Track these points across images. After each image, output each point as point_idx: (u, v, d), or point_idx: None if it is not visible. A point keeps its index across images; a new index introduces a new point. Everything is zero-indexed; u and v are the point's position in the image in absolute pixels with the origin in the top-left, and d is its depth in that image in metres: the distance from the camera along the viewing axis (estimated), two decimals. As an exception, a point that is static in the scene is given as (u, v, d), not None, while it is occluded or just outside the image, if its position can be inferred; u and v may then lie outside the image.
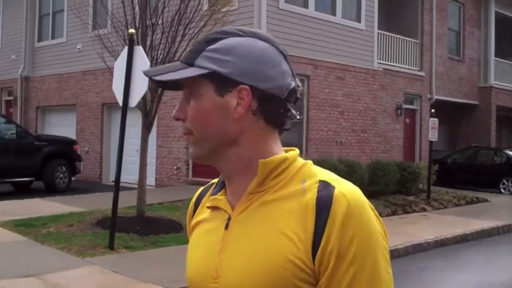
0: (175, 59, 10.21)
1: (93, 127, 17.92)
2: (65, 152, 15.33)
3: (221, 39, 1.26)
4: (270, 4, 14.14)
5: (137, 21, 10.15)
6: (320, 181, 1.21)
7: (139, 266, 7.46)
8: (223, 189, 1.32)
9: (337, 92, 15.97)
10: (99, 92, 17.35)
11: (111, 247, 8.13)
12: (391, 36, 18.46)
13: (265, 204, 1.22)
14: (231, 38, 1.26)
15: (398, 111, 18.24)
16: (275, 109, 1.25)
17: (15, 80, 20.96)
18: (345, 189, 1.18)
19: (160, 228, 9.43)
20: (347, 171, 13.25)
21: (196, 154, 1.31)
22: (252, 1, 14.00)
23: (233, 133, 1.25)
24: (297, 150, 1.31)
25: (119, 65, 8.70)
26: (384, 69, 17.61)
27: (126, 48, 8.65)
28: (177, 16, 10.24)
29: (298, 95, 1.29)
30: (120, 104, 8.48)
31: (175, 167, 15.08)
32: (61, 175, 15.00)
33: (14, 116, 20.43)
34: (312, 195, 1.19)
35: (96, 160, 17.65)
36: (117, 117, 16.30)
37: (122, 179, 8.87)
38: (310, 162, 1.29)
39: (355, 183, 1.27)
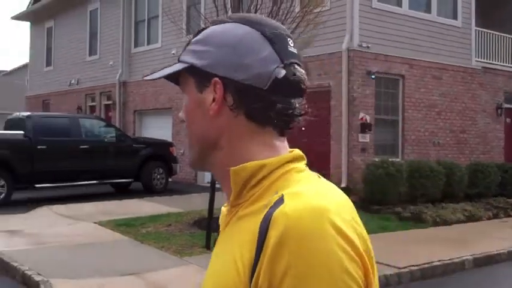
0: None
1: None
2: (161, 154, 15.74)
3: (206, 28, 1.15)
4: (362, 3, 13.92)
5: (230, 24, 10.25)
6: (282, 194, 0.98)
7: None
8: None
9: (434, 92, 15.50)
10: (193, 95, 17.69)
11: (207, 247, 8.25)
12: (490, 33, 17.72)
13: (238, 219, 1.06)
14: (212, 27, 1.14)
15: (499, 111, 17.47)
16: (255, 103, 1.06)
17: (114, 85, 21.72)
18: (293, 207, 0.93)
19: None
20: (445, 173, 12.87)
21: (189, 160, 1.19)
22: (344, 1, 13.83)
23: (213, 134, 1.11)
24: (292, 153, 1.10)
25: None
26: (483, 67, 16.92)
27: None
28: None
29: (303, 86, 1.09)
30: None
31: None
32: (158, 176, 15.42)
33: (113, 119, 21.18)
34: (264, 214, 0.98)
35: (191, 162, 17.99)
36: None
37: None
38: (299, 168, 1.07)
39: (453, 185, 1.08)
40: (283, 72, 1.06)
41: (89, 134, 14.91)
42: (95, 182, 14.62)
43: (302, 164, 1.09)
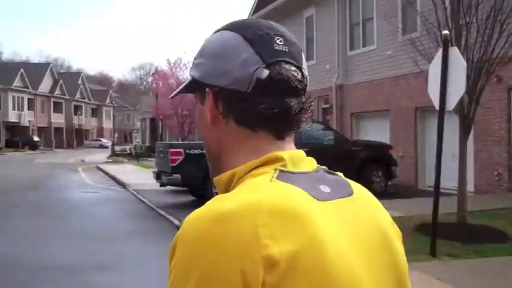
0: (493, 58, 9.72)
1: (407, 132, 17.95)
2: (380, 156, 15.67)
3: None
4: None
5: (450, 21, 9.88)
6: None
7: (463, 275, 7.20)
8: None
9: None
10: (412, 96, 17.31)
11: (432, 254, 8.00)
12: None
13: None
14: (207, 37, 1.14)
15: None
16: (240, 106, 1.05)
17: (330, 89, 22.11)
18: (196, 213, 0.94)
19: (482, 237, 9.00)
20: None
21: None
22: None
23: (213, 144, 1.12)
24: (262, 158, 1.04)
25: (434, 68, 8.58)
26: None
27: (440, 50, 8.50)
28: (492, 13, 9.71)
29: (292, 83, 1.05)
30: (437, 107, 8.34)
31: (495, 173, 14.26)
32: (377, 179, 15.36)
33: (330, 122, 21.56)
34: None
35: (411, 165, 17.63)
36: (431, 121, 16.09)
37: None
38: (259, 172, 1.02)
39: None
40: (265, 72, 1.03)
41: (308, 137, 15.32)
42: (315, 184, 14.99)
43: (269, 168, 1.02)
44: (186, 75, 36.93)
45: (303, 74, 1.08)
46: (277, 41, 1.07)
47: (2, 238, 10.76)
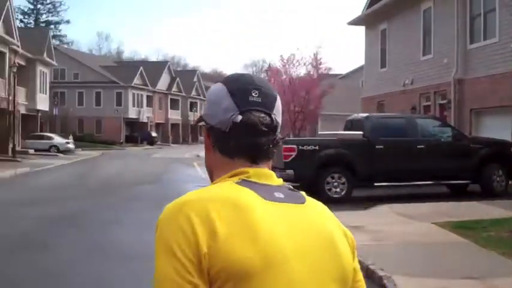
0: None
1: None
2: (502, 155, 14.91)
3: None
4: None
5: None
6: None
7: None
8: None
9: None
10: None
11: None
12: None
13: None
14: (213, 85, 1.50)
15: None
16: (221, 140, 1.41)
17: (448, 84, 21.29)
18: (172, 202, 1.32)
19: None
20: None
21: None
22: None
23: (208, 166, 1.50)
24: (233, 171, 1.39)
25: None
26: None
27: None
28: None
29: (258, 127, 1.37)
30: None
31: None
32: (498, 178, 14.62)
33: (448, 119, 20.78)
34: None
35: (534, 163, 16.62)
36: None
37: None
38: (226, 179, 1.38)
39: None
40: (239, 117, 1.38)
41: (425, 133, 14.88)
42: (430, 182, 14.52)
43: (235, 178, 1.37)
44: (298, 71, 37.03)
45: (272, 119, 1.40)
46: (253, 94, 1.41)
47: (119, 230, 11.27)
